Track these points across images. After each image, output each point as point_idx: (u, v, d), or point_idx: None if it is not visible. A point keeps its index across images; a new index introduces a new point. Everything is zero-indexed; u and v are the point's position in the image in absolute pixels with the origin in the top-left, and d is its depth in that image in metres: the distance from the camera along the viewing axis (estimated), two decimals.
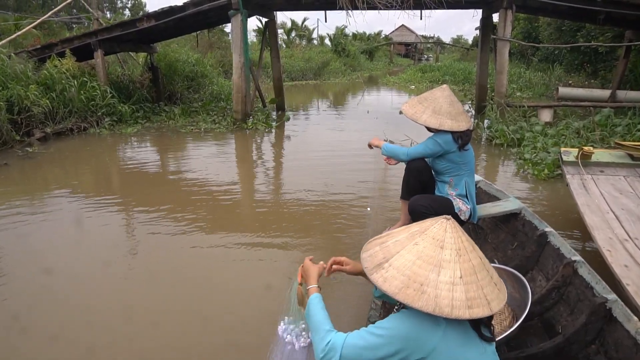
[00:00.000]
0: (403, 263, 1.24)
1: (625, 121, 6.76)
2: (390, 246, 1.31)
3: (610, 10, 7.78)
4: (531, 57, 19.09)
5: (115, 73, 11.11)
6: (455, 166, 2.79)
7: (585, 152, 3.82)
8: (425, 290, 1.18)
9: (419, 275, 1.21)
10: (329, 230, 3.99)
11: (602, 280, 2.10)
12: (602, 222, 2.88)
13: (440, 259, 1.22)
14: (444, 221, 1.30)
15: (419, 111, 2.72)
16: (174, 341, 2.52)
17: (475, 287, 1.20)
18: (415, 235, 1.30)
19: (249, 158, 7.13)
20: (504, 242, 3.14)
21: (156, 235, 3.94)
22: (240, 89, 8.84)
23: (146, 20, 8.76)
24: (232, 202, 4.87)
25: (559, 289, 2.33)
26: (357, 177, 5.39)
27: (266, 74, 16.88)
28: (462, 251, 1.25)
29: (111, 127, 8.59)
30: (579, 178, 3.63)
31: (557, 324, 2.26)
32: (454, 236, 1.27)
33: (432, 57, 43.67)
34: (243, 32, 8.61)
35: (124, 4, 45.23)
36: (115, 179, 6.07)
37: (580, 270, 2.26)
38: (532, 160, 5.68)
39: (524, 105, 8.13)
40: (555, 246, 2.58)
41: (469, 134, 2.75)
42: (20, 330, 2.62)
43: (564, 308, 2.28)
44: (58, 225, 4.23)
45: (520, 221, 3.04)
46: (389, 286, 1.22)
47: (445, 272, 1.20)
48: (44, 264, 3.42)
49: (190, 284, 3.17)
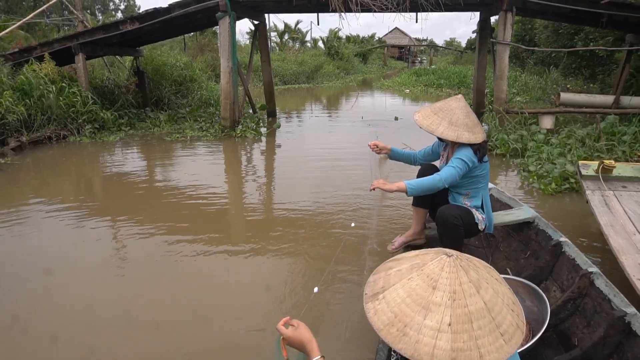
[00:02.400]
0: (394, 298, 1.15)
1: (631, 129, 6.44)
2: (392, 275, 1.21)
3: (613, 12, 7.48)
4: (527, 60, 18.87)
5: (100, 77, 10.68)
6: (475, 180, 2.74)
7: (606, 165, 3.54)
8: (407, 332, 1.09)
9: (405, 315, 1.11)
10: (319, 243, 3.69)
11: (620, 293, 2.06)
12: (630, 246, 2.64)
13: (430, 300, 1.10)
14: (443, 257, 1.15)
15: (434, 122, 2.62)
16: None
17: (466, 337, 1.06)
18: (414, 268, 1.19)
19: (236, 169, 6.70)
20: (516, 251, 3.09)
21: (140, 249, 3.72)
22: (228, 95, 8.44)
23: (130, 23, 8.34)
24: (217, 214, 4.48)
25: (575, 301, 2.29)
26: (351, 188, 5.04)
27: (258, 78, 16.51)
28: (458, 295, 1.10)
29: (92, 135, 8.16)
30: (600, 194, 3.40)
31: (573, 337, 2.21)
32: (451, 277, 1.12)
33: (426, 60, 43.54)
34: (231, 35, 8.23)
35: (116, 6, 44.84)
36: (97, 189, 5.71)
37: (597, 282, 2.22)
38: (537, 173, 5.34)
39: (524, 111, 7.80)
40: (570, 256, 2.54)
41: (485, 145, 2.70)
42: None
43: (580, 320, 2.24)
44: (34, 241, 3.90)
45: (534, 230, 2.98)
46: (377, 320, 1.14)
47: (433, 316, 1.09)
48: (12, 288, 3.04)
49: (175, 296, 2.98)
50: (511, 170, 5.93)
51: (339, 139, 8.26)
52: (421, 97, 16.32)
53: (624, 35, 9.98)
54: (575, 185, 4.95)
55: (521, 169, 5.77)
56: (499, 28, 7.86)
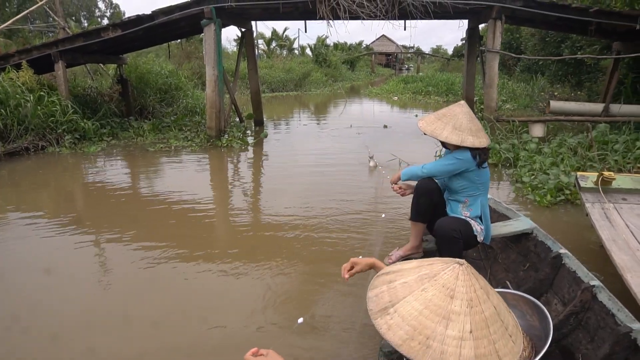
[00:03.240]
0: (409, 311, 1.13)
1: (622, 138, 6.39)
2: (398, 288, 1.19)
3: (601, 21, 7.47)
4: (514, 68, 18.99)
5: (82, 86, 10.38)
6: (473, 185, 2.69)
7: (605, 177, 3.43)
8: (430, 344, 1.08)
9: (426, 327, 1.10)
10: (306, 257, 3.54)
11: (624, 308, 2.01)
12: (634, 263, 2.53)
13: (450, 310, 1.11)
14: (456, 267, 1.16)
15: (438, 128, 2.60)
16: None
17: (486, 342, 1.09)
18: (424, 279, 1.17)
19: (221, 181, 6.46)
20: (515, 263, 3.03)
21: (119, 263, 3.59)
22: (214, 104, 8.23)
23: (112, 30, 8.10)
24: (199, 228, 4.26)
25: (577, 315, 2.23)
26: (340, 203, 4.85)
27: (245, 86, 16.32)
28: (475, 302, 1.12)
29: (73, 145, 7.86)
30: (600, 207, 3.28)
31: (576, 352, 2.15)
32: (466, 284, 1.13)
33: (413, 67, 43.82)
34: (217, 43, 8.03)
35: (102, 13, 44.41)
36: (75, 202, 5.47)
37: (600, 295, 2.17)
38: (531, 184, 5.21)
39: (515, 120, 7.72)
40: (571, 269, 2.48)
41: (487, 151, 2.67)
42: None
43: (583, 335, 2.18)
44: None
45: (532, 241, 2.92)
46: (392, 335, 1.12)
47: (454, 325, 1.09)
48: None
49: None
50: (504, 181, 5.80)
51: (327, 148, 8.07)
52: (409, 104, 16.28)
53: (610, 43, 10.04)
54: (570, 197, 4.83)
55: (514, 180, 5.65)
56: (489, 36, 7.79)
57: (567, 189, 4.93)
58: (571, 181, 4.98)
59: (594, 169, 5.55)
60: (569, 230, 4.14)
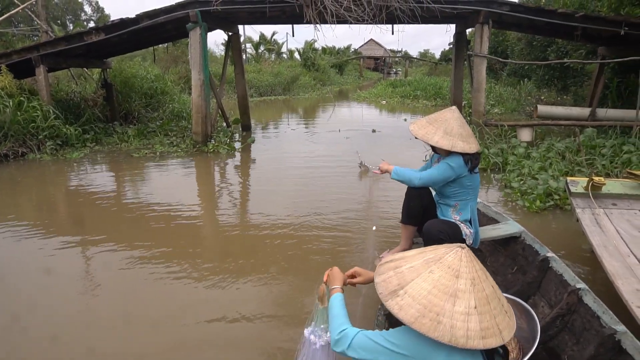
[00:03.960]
0: (419, 291, 1.24)
1: (610, 142, 6.40)
2: (405, 272, 1.30)
3: (587, 26, 7.52)
4: (500, 72, 19.13)
5: (66, 90, 10.16)
6: (464, 190, 2.73)
7: (595, 182, 3.42)
8: (441, 320, 1.18)
9: (435, 304, 1.21)
10: (294, 269, 3.41)
11: (609, 310, 2.05)
12: (625, 269, 2.53)
13: (456, 288, 1.22)
14: (459, 250, 1.29)
15: (430, 132, 2.64)
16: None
17: (488, 316, 1.21)
18: (431, 262, 1.28)
19: (206, 188, 6.31)
20: (503, 266, 3.08)
21: (102, 271, 3.50)
22: (200, 109, 8.09)
23: (95, 34, 7.93)
24: (182, 236, 4.13)
25: (564, 317, 2.29)
26: (329, 211, 4.76)
27: (233, 90, 16.17)
28: (477, 280, 1.24)
29: (54, 151, 7.67)
30: (590, 212, 3.27)
31: (562, 354, 2.20)
32: (469, 265, 1.26)
33: (401, 71, 44.01)
34: (202, 47, 7.91)
35: (88, 17, 43.89)
36: (55, 209, 5.30)
37: (585, 298, 2.22)
38: (520, 189, 5.18)
39: (503, 124, 7.72)
40: (558, 272, 2.53)
41: (478, 157, 2.71)
42: None
43: (569, 337, 2.23)
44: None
45: (520, 245, 2.97)
46: (404, 314, 1.22)
47: (461, 302, 1.21)
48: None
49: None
50: (493, 186, 5.77)
51: (315, 153, 7.98)
52: (398, 108, 16.28)
53: (595, 48, 10.13)
54: (559, 202, 4.81)
55: (503, 185, 5.62)
56: (476, 40, 7.79)
57: (556, 194, 4.91)
58: (560, 186, 4.96)
59: (582, 174, 5.54)
60: (559, 236, 4.10)
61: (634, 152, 5.95)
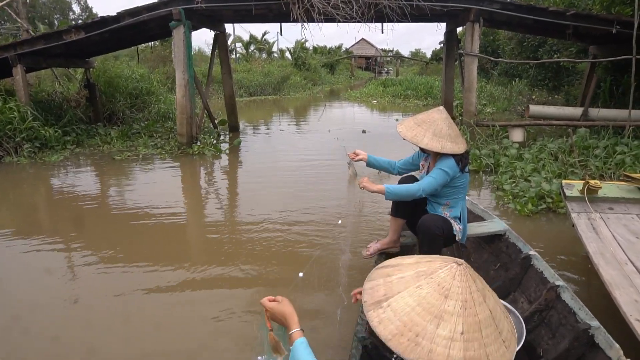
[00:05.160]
0: (402, 307, 1.12)
1: (603, 143, 6.28)
2: (394, 282, 1.20)
3: (578, 24, 7.40)
4: (491, 71, 19.04)
5: (48, 91, 9.87)
6: (455, 189, 2.75)
7: (591, 186, 3.28)
8: (419, 342, 1.07)
9: (417, 324, 1.09)
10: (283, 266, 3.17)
11: (585, 307, 2.11)
12: (623, 278, 2.42)
13: (443, 309, 1.09)
14: (454, 266, 1.15)
15: (419, 134, 2.64)
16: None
17: (477, 345, 1.07)
18: (421, 276, 1.16)
19: (189, 192, 6.05)
20: (486, 262, 3.13)
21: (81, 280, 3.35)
22: (184, 110, 7.86)
23: (75, 33, 7.67)
24: (161, 244, 3.93)
25: (541, 313, 2.35)
26: (315, 214, 4.58)
27: (222, 89, 15.92)
28: (469, 303, 1.09)
29: (32, 154, 7.39)
30: (586, 217, 3.14)
31: (538, 347, 2.25)
32: (462, 285, 1.11)
33: (392, 71, 43.96)
34: (187, 46, 7.68)
35: (77, 16, 43.32)
36: (31, 213, 5.03)
37: (563, 295, 2.28)
38: (512, 192, 5.03)
39: (495, 124, 7.57)
40: (538, 269, 2.59)
41: (467, 156, 2.74)
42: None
43: (546, 332, 2.30)
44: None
45: (504, 242, 3.03)
46: (382, 329, 1.11)
47: (446, 325, 1.07)
48: None
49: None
50: (484, 188, 5.60)
51: (304, 155, 7.77)
52: (389, 108, 16.12)
53: (586, 47, 10.04)
54: (552, 205, 4.66)
55: (495, 187, 5.46)
56: (467, 39, 7.64)
57: (549, 196, 4.76)
58: (553, 189, 4.82)
59: (576, 175, 5.41)
60: (552, 241, 3.95)
61: (627, 152, 5.83)
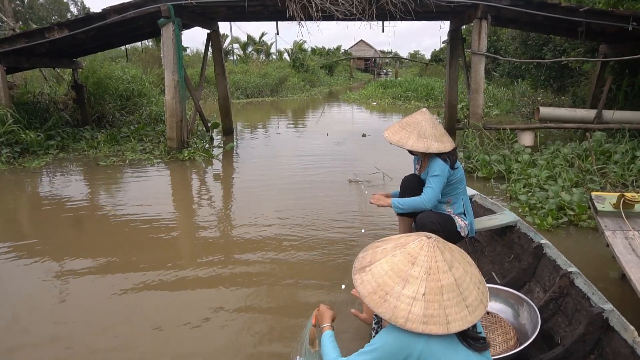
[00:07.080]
0: (379, 271, 1.35)
1: (621, 147, 5.84)
2: (379, 252, 1.41)
3: (591, 21, 6.96)
4: (493, 72, 18.62)
5: (33, 92, 9.41)
6: (452, 187, 2.77)
7: (628, 199, 2.89)
8: (387, 299, 1.29)
9: (387, 284, 1.31)
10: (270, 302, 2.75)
11: (599, 291, 2.10)
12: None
13: (409, 274, 1.30)
14: (424, 239, 1.36)
15: (404, 137, 2.67)
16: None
17: (437, 305, 1.25)
18: (397, 247, 1.38)
19: (177, 202, 5.57)
20: (500, 255, 3.14)
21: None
22: (174, 112, 7.41)
23: (58, 30, 7.23)
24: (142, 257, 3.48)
25: (557, 300, 2.34)
26: (314, 224, 4.14)
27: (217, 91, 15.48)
28: (433, 270, 1.29)
29: (11, 159, 6.94)
30: (623, 236, 2.75)
31: (556, 335, 2.25)
32: (429, 255, 1.31)
33: (391, 72, 43.62)
34: (176, 45, 7.23)
35: (74, 16, 42.90)
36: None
37: (577, 281, 2.27)
38: (528, 203, 4.58)
39: (505, 127, 7.13)
40: (551, 258, 2.60)
41: (455, 152, 2.74)
42: None
43: (562, 319, 2.29)
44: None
45: (516, 234, 3.04)
46: (362, 288, 1.34)
47: (410, 287, 1.28)
48: None
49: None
50: (497, 198, 5.14)
51: (302, 160, 7.32)
52: (389, 109, 15.69)
53: (595, 46, 9.61)
54: (573, 218, 4.22)
55: (508, 197, 5.02)
56: (474, 37, 7.21)
57: (570, 208, 4.32)
58: (574, 199, 4.38)
59: (595, 184, 4.98)
60: (579, 261, 3.49)
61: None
